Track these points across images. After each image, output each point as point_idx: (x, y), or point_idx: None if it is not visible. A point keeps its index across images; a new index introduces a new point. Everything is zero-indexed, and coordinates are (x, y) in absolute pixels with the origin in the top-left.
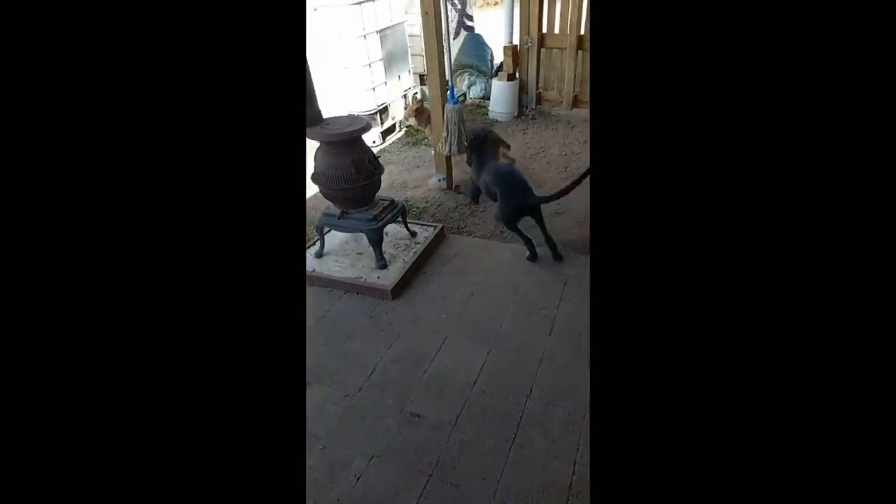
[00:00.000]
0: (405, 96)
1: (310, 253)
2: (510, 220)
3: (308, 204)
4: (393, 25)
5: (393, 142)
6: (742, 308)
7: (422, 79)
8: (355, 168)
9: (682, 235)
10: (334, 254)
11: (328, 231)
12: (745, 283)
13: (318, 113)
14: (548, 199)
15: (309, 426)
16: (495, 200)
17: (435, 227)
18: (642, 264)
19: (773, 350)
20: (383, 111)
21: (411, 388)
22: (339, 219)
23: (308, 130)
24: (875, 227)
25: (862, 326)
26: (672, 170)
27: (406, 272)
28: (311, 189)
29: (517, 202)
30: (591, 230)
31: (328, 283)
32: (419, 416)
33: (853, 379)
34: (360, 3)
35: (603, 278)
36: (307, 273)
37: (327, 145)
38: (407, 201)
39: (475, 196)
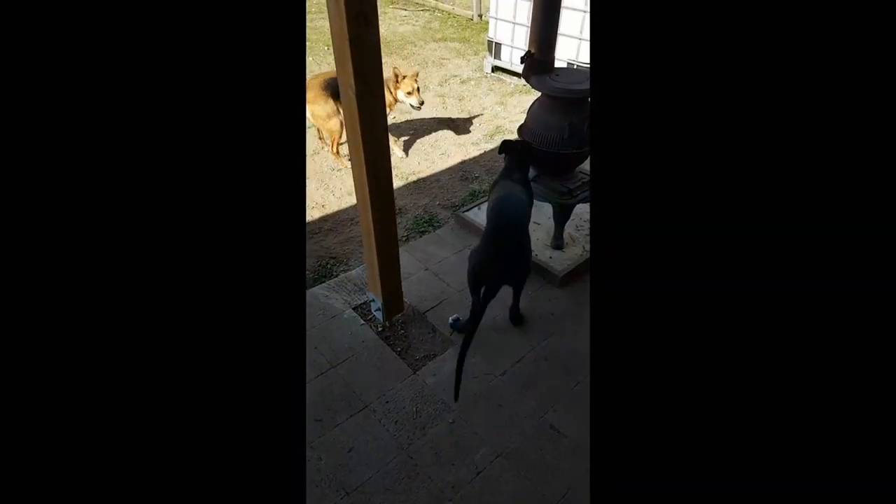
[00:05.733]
0: None
1: (485, 208)
2: (470, 279)
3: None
4: None
5: None
6: (743, 315)
7: None
8: (570, 132)
9: (684, 239)
10: None
11: None
12: (748, 290)
13: (552, 59)
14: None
15: (444, 394)
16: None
17: None
18: (643, 270)
19: (777, 360)
20: None
21: (558, 396)
22: (531, 181)
23: (534, 78)
24: (875, 226)
25: (862, 327)
26: (672, 172)
27: (583, 262)
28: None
29: (483, 258)
30: (591, 233)
31: None
32: (559, 432)
33: (854, 382)
34: None
35: (603, 286)
36: (479, 225)
37: (548, 99)
38: None
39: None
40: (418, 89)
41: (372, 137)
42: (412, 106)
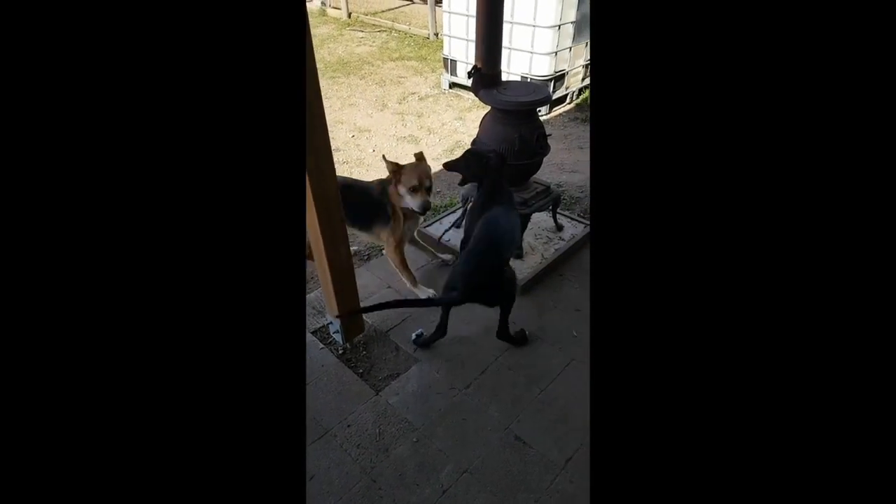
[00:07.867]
0: (587, 67)
1: (446, 222)
2: (459, 298)
3: None
4: None
5: (560, 114)
6: (742, 315)
7: None
8: (521, 144)
9: (682, 240)
10: None
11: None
12: (748, 291)
13: (498, 73)
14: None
15: (407, 413)
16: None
17: (586, 225)
18: (643, 272)
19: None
20: (559, 79)
21: (522, 405)
22: None
23: (483, 92)
24: (874, 228)
25: (861, 327)
26: (670, 174)
27: (542, 269)
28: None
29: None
30: (592, 237)
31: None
32: (524, 443)
33: (853, 380)
34: None
35: (603, 284)
36: (441, 240)
37: (498, 112)
38: (560, 186)
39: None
40: (428, 188)
41: (318, 161)
42: (414, 210)
